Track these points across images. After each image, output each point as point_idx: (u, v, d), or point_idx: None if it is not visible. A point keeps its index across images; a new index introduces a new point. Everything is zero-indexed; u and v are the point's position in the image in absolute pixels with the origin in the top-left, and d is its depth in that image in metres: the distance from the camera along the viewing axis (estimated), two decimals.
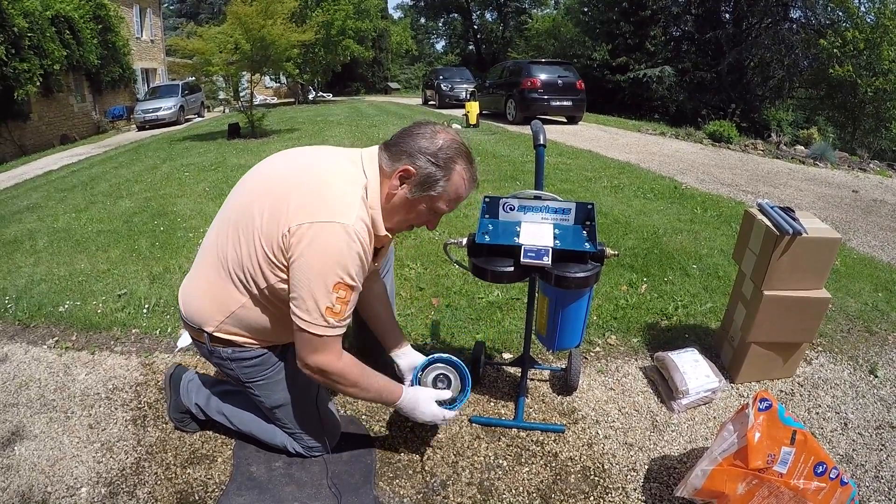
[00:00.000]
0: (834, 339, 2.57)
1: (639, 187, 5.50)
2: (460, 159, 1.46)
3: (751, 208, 2.21)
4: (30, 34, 13.80)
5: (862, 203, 5.37)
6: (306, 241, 1.32)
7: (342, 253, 1.33)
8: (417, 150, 1.44)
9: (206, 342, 1.58)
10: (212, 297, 1.52)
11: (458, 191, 1.48)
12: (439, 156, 1.43)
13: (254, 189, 1.49)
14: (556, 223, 1.83)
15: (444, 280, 3.13)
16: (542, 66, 11.79)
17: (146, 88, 21.87)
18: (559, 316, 1.79)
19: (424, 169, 1.43)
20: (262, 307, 1.50)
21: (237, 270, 1.46)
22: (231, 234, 1.46)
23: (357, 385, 1.52)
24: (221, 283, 1.49)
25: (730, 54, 19.67)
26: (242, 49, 9.78)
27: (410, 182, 1.45)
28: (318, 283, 1.33)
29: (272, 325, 1.55)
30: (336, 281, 1.34)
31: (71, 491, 1.70)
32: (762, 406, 1.45)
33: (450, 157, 1.44)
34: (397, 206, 1.48)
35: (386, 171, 1.46)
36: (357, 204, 1.38)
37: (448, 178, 1.45)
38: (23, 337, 2.69)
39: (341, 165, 1.46)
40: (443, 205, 1.49)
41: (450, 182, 1.46)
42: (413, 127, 1.50)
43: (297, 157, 1.54)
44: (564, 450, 1.85)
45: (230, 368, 1.62)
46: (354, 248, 1.34)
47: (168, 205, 5.22)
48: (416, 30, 44.80)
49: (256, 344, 1.60)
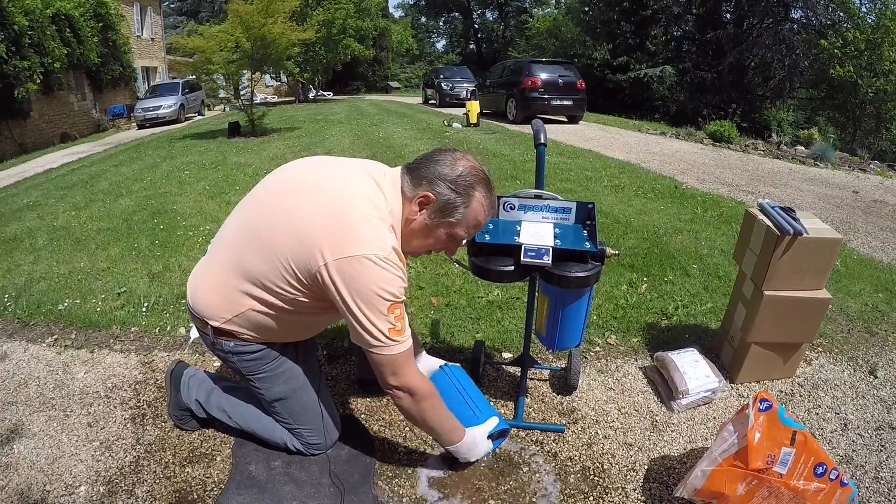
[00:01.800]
0: (834, 339, 2.57)
1: (639, 187, 5.49)
2: (480, 186, 1.46)
3: (751, 208, 2.20)
4: (30, 32, 13.81)
5: (862, 204, 5.36)
6: (348, 278, 1.34)
7: (386, 279, 1.35)
8: (437, 177, 1.44)
9: (210, 334, 1.59)
10: (223, 295, 1.53)
11: (478, 218, 1.49)
12: (459, 183, 1.44)
13: (278, 206, 1.47)
14: (557, 222, 1.82)
15: (444, 279, 3.13)
16: (543, 66, 11.78)
17: (146, 87, 21.87)
18: (559, 315, 1.78)
19: (444, 196, 1.44)
20: (273, 312, 1.51)
21: (256, 280, 1.47)
22: (253, 246, 1.46)
23: (437, 410, 1.54)
24: (235, 285, 1.50)
25: (731, 54, 19.65)
26: (243, 47, 9.77)
27: (430, 208, 1.45)
28: (374, 313, 1.36)
29: (278, 327, 1.56)
30: (388, 305, 1.37)
31: (70, 489, 1.70)
32: (762, 406, 1.44)
33: (469, 185, 1.45)
34: (416, 231, 1.49)
35: (407, 195, 1.47)
36: (386, 233, 1.40)
37: (467, 205, 1.45)
38: (22, 335, 2.69)
39: (367, 189, 1.44)
40: (461, 231, 1.50)
41: (469, 209, 1.46)
42: (434, 153, 1.50)
43: (321, 174, 1.51)
44: (564, 449, 1.85)
45: (232, 361, 1.63)
46: (395, 272, 1.37)
47: (168, 203, 5.22)
48: (416, 29, 44.78)
49: (259, 339, 1.60)
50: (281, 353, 1.66)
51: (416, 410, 1.51)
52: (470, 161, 1.49)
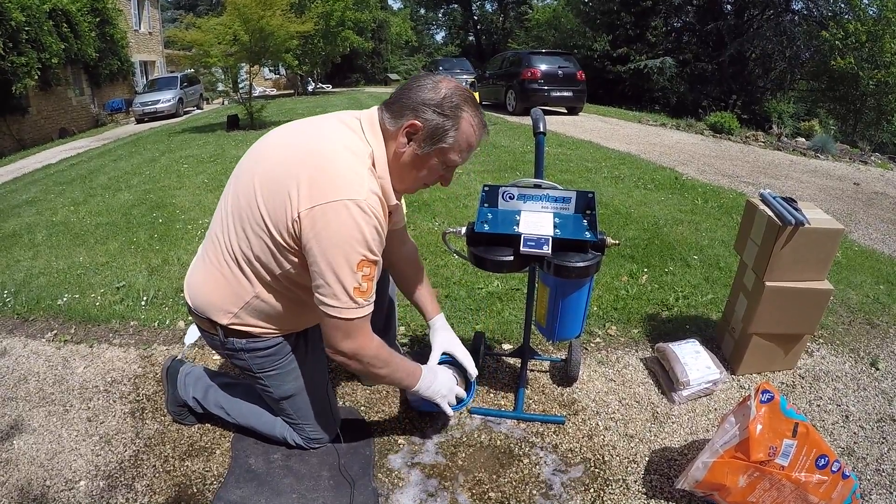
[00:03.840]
0: (835, 331, 2.56)
1: (639, 178, 5.48)
2: (467, 106, 1.40)
3: (752, 198, 2.19)
4: (27, 28, 13.73)
5: (863, 195, 5.34)
6: (321, 225, 1.27)
7: (360, 230, 1.28)
8: (421, 103, 1.37)
9: (220, 334, 1.54)
10: (224, 289, 1.48)
11: (469, 139, 1.43)
12: (445, 105, 1.37)
13: (252, 174, 1.42)
14: (556, 212, 1.81)
15: (444, 270, 3.12)
16: (543, 57, 11.71)
17: (144, 81, 21.79)
18: (559, 306, 1.77)
19: (431, 121, 1.37)
20: (277, 294, 1.47)
21: (248, 262, 1.42)
22: (236, 228, 1.42)
23: (388, 365, 1.49)
24: (232, 274, 1.45)
25: (731, 45, 19.56)
26: (241, 40, 9.73)
27: (418, 137, 1.39)
28: (342, 265, 1.29)
29: (289, 310, 1.51)
30: (359, 259, 1.30)
31: (70, 484, 1.70)
32: (764, 398, 1.44)
33: (456, 105, 1.38)
34: (408, 165, 1.43)
35: (390, 130, 1.40)
36: (365, 176, 1.32)
37: (457, 127, 1.39)
38: (21, 330, 2.69)
39: (341, 137, 1.39)
40: (455, 156, 1.44)
41: (459, 131, 1.40)
42: (413, 80, 1.43)
43: (292, 133, 1.46)
44: (564, 441, 1.84)
45: (242, 359, 1.58)
46: (371, 223, 1.29)
47: (167, 197, 5.20)
48: (415, 20, 44.49)
49: (273, 332, 1.56)
50: (293, 349, 1.62)
51: (367, 373, 1.48)
52: (452, 82, 1.42)
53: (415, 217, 4.13)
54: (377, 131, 1.42)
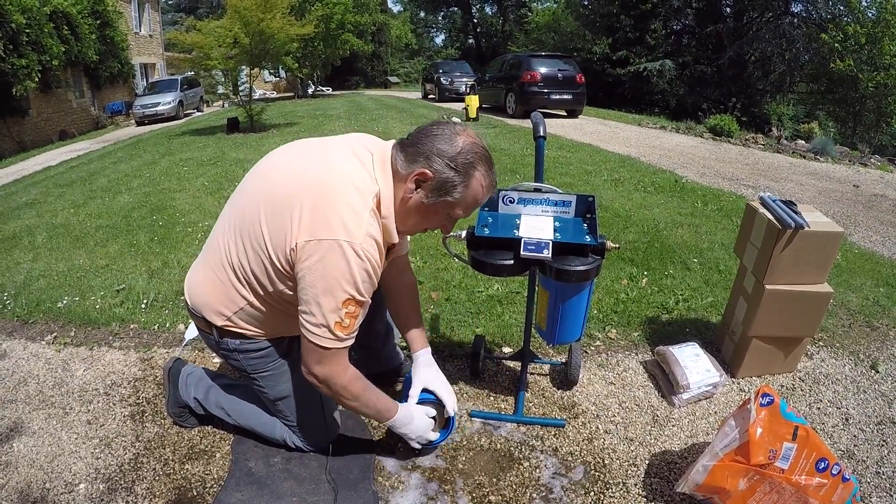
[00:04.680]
0: (835, 334, 2.56)
1: (639, 181, 5.48)
2: (480, 165, 1.39)
3: (752, 201, 2.19)
4: (28, 30, 13.75)
5: (863, 198, 5.35)
6: (315, 259, 1.29)
7: (350, 271, 1.29)
8: (436, 153, 1.36)
9: (215, 334, 1.57)
10: (219, 292, 1.51)
11: (477, 197, 1.43)
12: (458, 161, 1.36)
13: (258, 192, 1.43)
14: (557, 216, 1.81)
15: (444, 274, 3.12)
16: (542, 60, 11.73)
17: (145, 83, 21.80)
18: (559, 309, 1.77)
19: (442, 174, 1.36)
20: (269, 305, 1.49)
21: (245, 275, 1.45)
22: (237, 240, 1.44)
23: (358, 400, 1.50)
24: (229, 281, 1.48)
25: (730, 48, 19.60)
26: (241, 43, 9.73)
27: (427, 186, 1.38)
28: (327, 299, 1.31)
29: (280, 320, 1.54)
30: (345, 298, 1.32)
31: (69, 487, 1.69)
32: (764, 401, 1.44)
33: (469, 163, 1.37)
34: (412, 211, 1.43)
35: (401, 173, 1.40)
36: (366, 218, 1.32)
37: (467, 184, 1.39)
38: (21, 333, 2.68)
39: (350, 171, 1.38)
40: (459, 210, 1.44)
41: (468, 189, 1.39)
42: (432, 127, 1.42)
43: (301, 156, 1.46)
44: (564, 444, 1.84)
45: (236, 359, 1.61)
46: (363, 266, 1.31)
47: (167, 199, 5.20)
48: (415, 24, 44.61)
49: (264, 336, 1.59)
50: (286, 351, 1.64)
51: (337, 399, 1.49)
52: (470, 136, 1.41)
53: None
54: (388, 170, 1.41)
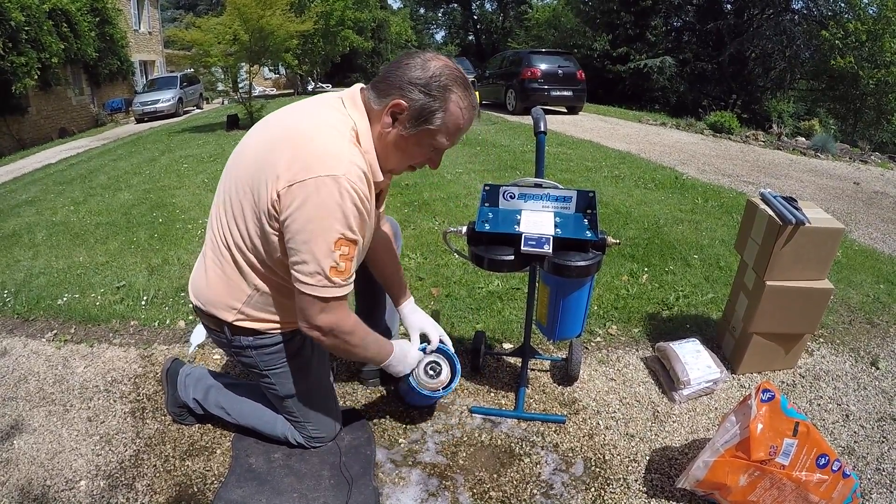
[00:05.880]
0: (835, 330, 2.56)
1: (639, 177, 5.48)
2: (456, 87, 1.33)
3: (753, 198, 2.19)
4: (27, 28, 13.72)
5: (863, 195, 5.34)
6: (299, 201, 1.24)
7: (339, 206, 1.24)
8: (408, 82, 1.30)
9: (226, 332, 1.53)
10: (225, 285, 1.47)
11: (458, 121, 1.36)
12: (432, 85, 1.30)
13: (237, 164, 1.41)
14: (557, 211, 1.81)
15: (444, 270, 3.12)
16: (543, 56, 11.72)
17: (144, 81, 21.76)
18: (560, 305, 1.77)
19: (417, 101, 1.31)
20: (275, 285, 1.45)
21: (242, 252, 1.41)
22: (229, 220, 1.41)
23: (362, 344, 1.49)
24: (231, 269, 1.45)
25: (731, 45, 19.56)
26: (241, 40, 9.73)
27: (403, 117, 1.33)
28: (319, 242, 1.26)
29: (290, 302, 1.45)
30: (337, 237, 1.26)
31: (70, 484, 1.69)
32: (765, 397, 1.44)
33: (444, 86, 1.31)
34: (392, 145, 1.38)
35: (375, 109, 1.36)
36: (346, 149, 1.29)
37: (445, 108, 1.33)
38: (22, 330, 2.68)
39: (323, 114, 1.36)
40: (443, 139, 1.38)
41: (447, 113, 1.33)
42: (402, 58, 1.36)
43: (274, 119, 1.44)
44: (565, 441, 1.84)
45: (249, 356, 1.57)
46: (351, 199, 1.25)
47: (167, 196, 5.20)
48: (415, 20, 44.46)
49: (278, 327, 1.54)
50: (299, 347, 1.61)
51: (341, 347, 1.45)
52: (441, 60, 1.34)
53: (415, 217, 4.13)
54: (360, 107, 1.37)
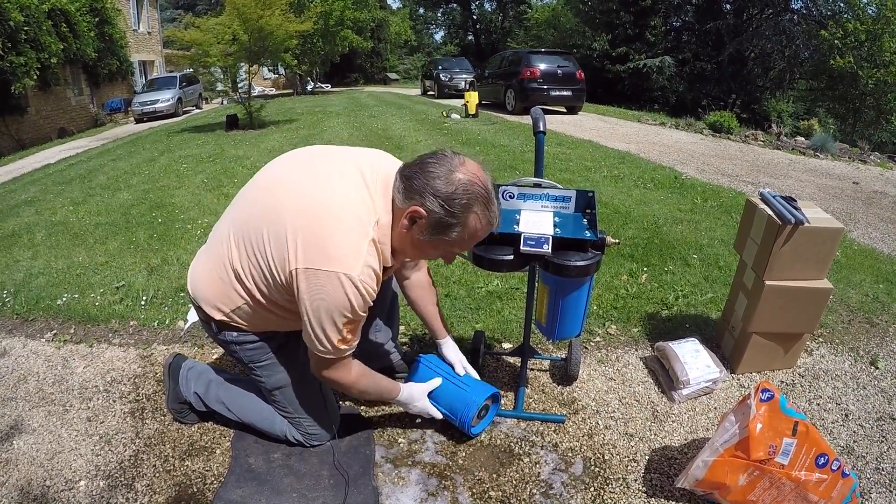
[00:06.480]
0: (835, 330, 2.56)
1: (639, 177, 5.48)
2: (477, 205, 1.31)
3: (752, 198, 2.19)
4: (26, 28, 13.72)
5: (862, 194, 5.35)
6: (314, 288, 1.32)
7: (349, 302, 1.32)
8: (431, 192, 1.29)
9: (213, 327, 1.61)
10: (219, 289, 1.53)
11: (475, 235, 1.37)
12: (454, 202, 1.29)
13: (263, 208, 1.43)
14: (556, 211, 1.81)
15: (443, 269, 3.12)
16: (542, 56, 11.72)
17: (144, 81, 21.75)
18: (559, 305, 1.77)
19: (436, 214, 1.30)
20: (266, 309, 1.52)
21: (245, 280, 1.47)
22: (240, 247, 1.46)
23: (366, 391, 1.63)
24: (229, 282, 1.50)
25: (730, 45, 19.58)
26: (240, 40, 9.72)
27: (421, 224, 1.34)
28: (328, 325, 1.36)
29: (277, 321, 1.57)
30: (344, 321, 1.36)
31: (70, 484, 1.69)
32: (764, 397, 1.44)
33: (465, 205, 1.30)
34: (409, 244, 1.40)
35: (398, 206, 1.36)
36: (364, 250, 1.32)
37: (463, 225, 1.33)
38: (21, 330, 2.68)
39: (354, 199, 1.35)
40: (457, 249, 1.43)
41: (465, 229, 1.34)
42: (429, 160, 1.34)
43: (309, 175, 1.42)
44: (565, 440, 1.84)
45: (234, 350, 1.65)
46: (361, 295, 1.33)
47: (166, 197, 5.20)
48: (414, 20, 44.47)
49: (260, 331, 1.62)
50: (284, 342, 1.66)
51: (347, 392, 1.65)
52: (468, 171, 1.31)
53: None
54: (388, 198, 1.38)
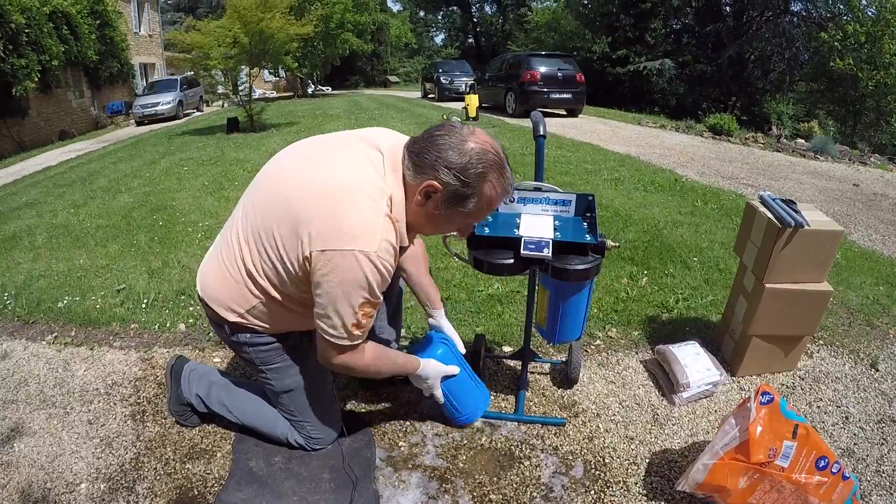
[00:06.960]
0: (835, 332, 2.56)
1: (639, 180, 5.48)
2: (492, 172, 1.30)
3: (752, 200, 2.19)
4: (27, 30, 13.76)
5: (863, 197, 5.35)
6: (330, 268, 1.29)
7: (367, 279, 1.30)
8: (444, 165, 1.28)
9: (227, 328, 1.58)
10: (233, 290, 1.51)
11: (491, 203, 1.37)
12: (469, 172, 1.28)
13: (272, 201, 1.42)
14: (557, 215, 1.81)
15: (444, 273, 3.12)
16: (542, 59, 11.75)
17: (144, 83, 21.78)
18: (560, 308, 1.77)
19: (451, 186, 1.29)
20: (282, 306, 1.51)
21: (259, 278, 1.46)
22: (252, 244, 1.44)
23: (380, 372, 1.60)
24: (242, 281, 1.49)
25: (730, 47, 19.61)
26: (241, 43, 9.73)
27: (436, 198, 1.33)
28: (344, 306, 1.33)
29: (293, 319, 1.56)
30: (361, 302, 1.33)
31: (70, 487, 1.70)
32: (764, 400, 1.44)
33: (480, 173, 1.29)
34: (424, 219, 1.39)
35: (410, 182, 1.34)
36: (380, 225, 1.30)
37: (479, 195, 1.32)
38: (22, 333, 2.68)
39: (363, 178, 1.34)
40: (474, 219, 1.43)
41: (481, 198, 1.33)
42: (438, 133, 1.33)
43: (315, 163, 1.41)
44: (565, 443, 1.84)
45: (246, 352, 1.62)
46: (379, 272, 1.31)
47: (167, 199, 5.20)
48: (414, 23, 44.53)
49: (275, 331, 1.60)
50: (297, 344, 1.66)
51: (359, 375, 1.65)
52: (478, 141, 1.31)
53: None
54: (398, 174, 1.36)
